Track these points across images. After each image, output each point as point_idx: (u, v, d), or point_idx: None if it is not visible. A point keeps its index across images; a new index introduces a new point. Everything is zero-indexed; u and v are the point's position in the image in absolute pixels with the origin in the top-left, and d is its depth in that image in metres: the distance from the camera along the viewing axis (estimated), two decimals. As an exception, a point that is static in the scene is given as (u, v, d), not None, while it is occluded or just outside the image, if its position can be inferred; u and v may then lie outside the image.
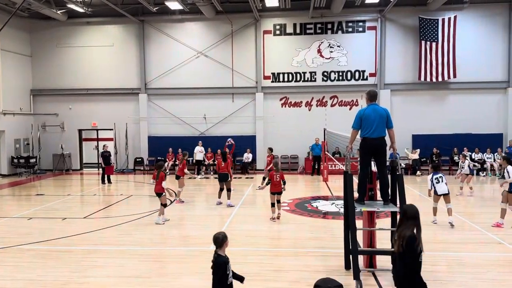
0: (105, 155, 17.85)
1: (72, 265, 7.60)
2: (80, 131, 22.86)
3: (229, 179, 12.87)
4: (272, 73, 21.34)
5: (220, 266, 4.72)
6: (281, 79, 21.33)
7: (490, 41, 20.16)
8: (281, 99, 21.45)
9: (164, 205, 10.78)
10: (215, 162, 20.41)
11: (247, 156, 20.45)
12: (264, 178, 16.29)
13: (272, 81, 21.36)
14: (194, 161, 20.10)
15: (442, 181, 10.22)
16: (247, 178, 19.24)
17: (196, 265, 7.54)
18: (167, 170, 19.93)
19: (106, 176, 17.80)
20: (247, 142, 21.02)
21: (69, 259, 7.95)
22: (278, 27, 21.21)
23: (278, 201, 11.07)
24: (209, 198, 14.56)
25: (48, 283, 6.78)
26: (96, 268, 7.46)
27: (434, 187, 10.31)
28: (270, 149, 16.89)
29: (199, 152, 19.79)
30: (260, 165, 20.91)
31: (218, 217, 11.43)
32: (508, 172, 9.66)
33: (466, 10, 19.91)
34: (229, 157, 13.96)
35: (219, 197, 12.91)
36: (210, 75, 21.50)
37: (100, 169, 18.66)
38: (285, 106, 21.50)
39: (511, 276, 6.91)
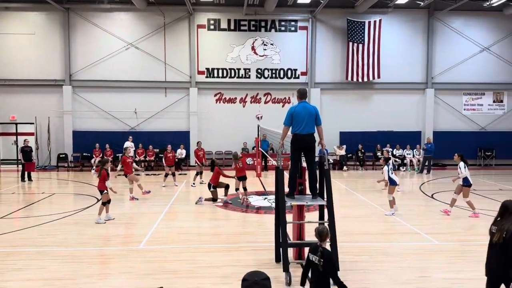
0: (26, 151, 16.61)
1: (-15, 270, 7.00)
2: (-4, 124, 21.06)
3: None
4: (206, 68, 21.17)
5: (333, 259, 4.68)
6: (215, 75, 21.23)
7: (411, 45, 21.63)
8: (215, 95, 21.37)
9: (104, 203, 10.19)
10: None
11: (181, 152, 20.07)
12: (197, 174, 16.17)
13: (207, 76, 21.19)
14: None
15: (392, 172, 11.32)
16: (180, 174, 18.93)
17: (124, 265, 7.29)
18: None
19: (26, 173, 16.58)
20: (181, 138, 20.67)
21: (-19, 263, 7.31)
22: (212, 22, 21.07)
23: (245, 188, 12.30)
24: (139, 195, 14.14)
25: (-44, 290, 6.19)
26: (15, 272, 6.94)
27: (390, 178, 11.08)
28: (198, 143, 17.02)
29: (128, 148, 18.97)
30: (193, 161, 20.63)
31: (149, 215, 11.12)
32: (460, 168, 10.68)
33: (390, 14, 21.17)
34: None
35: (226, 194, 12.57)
36: (141, 68, 20.81)
37: (20, 166, 17.33)
38: (220, 102, 21.45)
39: (426, 263, 7.49)
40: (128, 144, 19.00)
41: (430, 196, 13.88)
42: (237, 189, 12.44)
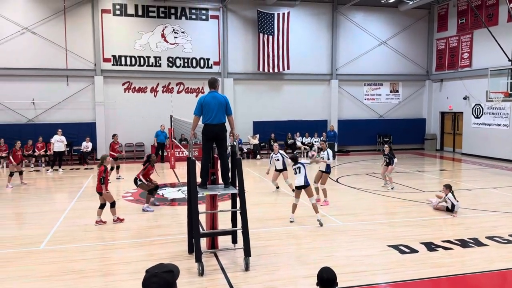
0: None
1: None
2: None
3: None
4: (113, 56, 20.05)
5: None
6: (123, 63, 20.21)
7: (317, 37, 22.62)
8: (123, 84, 20.37)
9: None
10: (47, 153, 18.36)
11: (86, 145, 18.87)
12: (112, 169, 14.98)
13: (113, 64, 20.08)
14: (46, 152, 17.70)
15: (299, 172, 9.17)
16: (86, 169, 17.84)
17: (21, 268, 6.71)
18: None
19: None
20: (86, 130, 19.44)
21: None
22: (118, 7, 19.96)
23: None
24: (41, 193, 13.08)
25: None
26: None
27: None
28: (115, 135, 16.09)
29: (57, 142, 16.91)
30: (102, 154, 19.55)
31: (51, 213, 10.33)
32: (328, 154, 10.97)
33: (297, 7, 21.86)
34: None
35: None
36: (39, 55, 19.05)
37: None
38: (129, 91, 20.51)
39: (332, 243, 7.98)
40: (57, 138, 16.96)
41: (335, 180, 14.75)
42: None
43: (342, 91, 23.24)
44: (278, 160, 12.40)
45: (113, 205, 9.38)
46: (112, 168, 14.70)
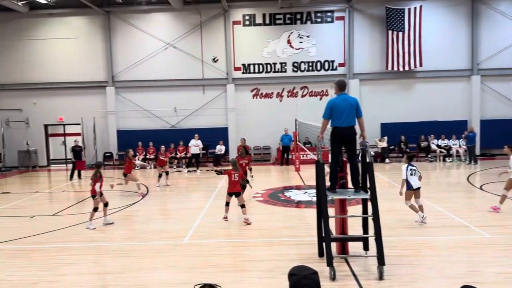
0: (76, 150, 17.42)
1: (42, 263, 7.41)
2: (46, 126, 22.12)
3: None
4: (242, 64, 21.26)
5: None
6: (251, 70, 21.29)
7: (454, 31, 20.73)
8: (252, 90, 21.43)
9: (95, 209, 9.64)
10: (187, 155, 20.23)
11: (220, 148, 20.37)
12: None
13: (243, 72, 21.29)
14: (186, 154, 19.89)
15: (415, 174, 9.20)
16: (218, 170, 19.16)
17: (171, 259, 7.49)
18: (137, 166, 19.57)
19: (76, 171, 17.34)
20: (219, 134, 20.94)
21: (38, 257, 7.74)
22: (247, 17, 21.11)
23: (243, 206, 9.70)
24: (183, 192, 14.49)
25: (17, 282, 6.59)
26: (67, 266, 7.29)
27: (408, 181, 9.15)
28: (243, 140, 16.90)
29: (193, 146, 19.09)
30: (233, 156, 20.81)
31: (190, 210, 11.35)
32: (511, 161, 9.86)
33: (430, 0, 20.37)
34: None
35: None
36: (179, 67, 21.20)
37: (69, 165, 18.14)
38: (257, 97, 21.50)
39: (477, 257, 7.21)
40: (193, 142, 19.08)
41: (478, 187, 13.30)
42: (227, 203, 9.97)
43: (485, 87, 20.86)
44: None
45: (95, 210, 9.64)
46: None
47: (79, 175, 17.44)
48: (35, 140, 21.65)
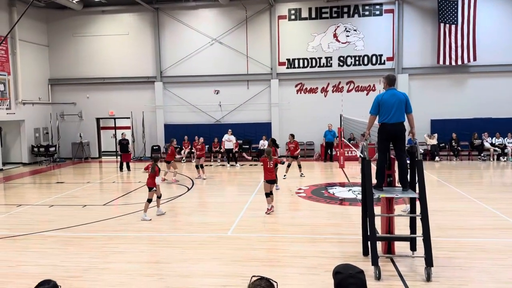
0: (122, 143, 18.07)
1: (93, 251, 7.77)
2: (98, 119, 23.14)
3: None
4: (287, 59, 21.15)
5: None
6: (296, 65, 21.13)
7: (510, 23, 19.53)
8: (296, 86, 21.28)
9: (149, 200, 9.90)
10: (221, 150, 20.44)
11: (263, 143, 20.39)
12: (289, 166, 15.72)
13: (287, 67, 21.18)
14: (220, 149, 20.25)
15: None
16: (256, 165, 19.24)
17: (215, 251, 7.62)
18: (184, 158, 20.13)
19: (124, 163, 18.03)
20: (263, 129, 20.98)
21: (90, 245, 8.12)
22: (293, 11, 20.93)
23: (271, 192, 10.19)
24: (224, 185, 14.68)
25: (70, 268, 6.95)
26: (117, 254, 7.60)
27: None
28: (292, 136, 16.48)
29: (227, 141, 19.34)
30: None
31: (234, 204, 11.49)
32: None
33: (487, -10, 19.30)
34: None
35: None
36: (224, 62, 21.43)
37: (119, 157, 18.89)
38: (301, 93, 21.33)
39: (533, 262, 6.79)
40: (226, 137, 19.38)
41: (537, 189, 12.50)
42: (267, 194, 10.24)
43: (545, 83, 19.52)
44: None
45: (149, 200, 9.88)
46: (288, 166, 15.38)
47: (128, 167, 18.10)
48: (88, 133, 22.71)
